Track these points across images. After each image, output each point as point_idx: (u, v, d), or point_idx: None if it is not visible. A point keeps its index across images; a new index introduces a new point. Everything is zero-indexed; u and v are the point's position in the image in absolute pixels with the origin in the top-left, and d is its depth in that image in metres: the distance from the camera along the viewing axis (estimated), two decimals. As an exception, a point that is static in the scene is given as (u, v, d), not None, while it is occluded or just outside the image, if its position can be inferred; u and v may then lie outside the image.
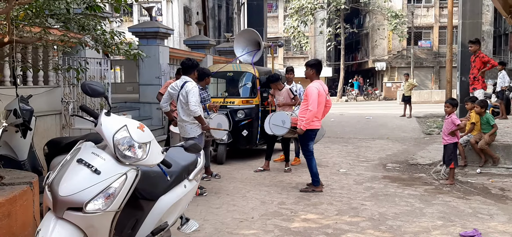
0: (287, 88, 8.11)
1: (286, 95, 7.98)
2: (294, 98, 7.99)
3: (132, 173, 2.78)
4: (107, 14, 7.34)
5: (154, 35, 10.15)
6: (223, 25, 23.98)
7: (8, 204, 3.17)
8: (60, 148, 4.82)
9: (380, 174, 7.56)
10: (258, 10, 17.51)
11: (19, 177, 3.71)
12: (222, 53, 15.32)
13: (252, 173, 7.74)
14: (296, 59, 36.76)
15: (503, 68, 12.59)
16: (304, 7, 32.68)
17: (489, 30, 35.15)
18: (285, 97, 7.96)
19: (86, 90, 2.96)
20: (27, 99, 5.11)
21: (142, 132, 2.88)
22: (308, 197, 6.08)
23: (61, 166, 2.80)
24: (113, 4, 5.34)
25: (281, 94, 8.00)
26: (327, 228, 4.80)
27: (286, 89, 8.06)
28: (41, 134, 6.28)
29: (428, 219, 5.09)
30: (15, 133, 4.81)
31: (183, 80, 6.07)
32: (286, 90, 8.04)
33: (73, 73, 6.75)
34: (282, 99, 7.95)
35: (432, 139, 11.70)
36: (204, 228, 4.79)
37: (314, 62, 6.56)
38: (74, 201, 2.61)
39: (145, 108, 10.19)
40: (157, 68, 10.00)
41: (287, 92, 8.02)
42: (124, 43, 5.94)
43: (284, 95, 7.98)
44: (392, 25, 33.47)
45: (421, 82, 34.31)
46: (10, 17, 3.94)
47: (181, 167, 3.53)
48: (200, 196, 6.07)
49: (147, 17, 14.53)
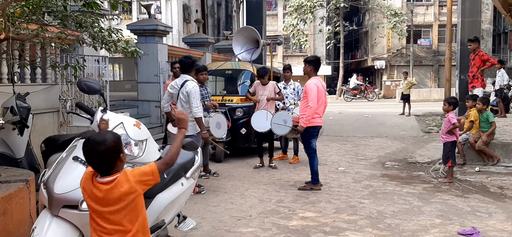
0: (273, 83, 8.08)
1: (272, 90, 7.94)
2: (279, 94, 7.98)
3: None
4: (104, 11, 7.30)
5: (152, 33, 10.12)
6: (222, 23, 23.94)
7: (4, 201, 3.16)
8: (57, 146, 4.78)
9: (378, 173, 7.54)
10: (257, 8, 17.52)
11: (15, 174, 3.70)
12: (221, 51, 15.31)
13: (251, 171, 7.73)
14: (295, 57, 36.71)
15: (502, 66, 12.59)
16: (304, 5, 32.63)
17: (488, 29, 35.13)
18: (270, 91, 7.92)
19: (82, 87, 2.95)
20: (24, 96, 5.09)
21: (139, 129, 2.87)
22: (307, 195, 6.07)
23: (56, 164, 2.79)
24: (111, 1, 5.32)
25: (266, 88, 7.96)
26: (325, 227, 4.79)
27: (272, 84, 8.03)
28: (39, 132, 6.25)
29: (426, 217, 5.08)
30: (12, 131, 4.79)
31: (183, 79, 6.04)
32: (272, 85, 8.00)
33: (71, 71, 6.72)
34: (268, 93, 7.91)
35: (431, 138, 11.70)
36: (202, 226, 4.77)
37: (312, 59, 6.55)
38: (69, 199, 2.60)
39: (144, 106, 10.17)
40: (156, 66, 9.98)
41: (273, 87, 7.98)
42: (122, 40, 5.91)
43: (270, 89, 7.94)
44: (391, 24, 33.43)
45: (420, 80, 34.31)
46: (6, 14, 3.92)
47: (178, 165, 3.51)
48: (198, 194, 6.06)
49: (146, 15, 14.50)
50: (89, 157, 2.28)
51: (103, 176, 2.28)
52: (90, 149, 2.26)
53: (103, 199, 2.26)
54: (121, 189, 2.25)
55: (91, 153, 2.26)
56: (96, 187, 2.27)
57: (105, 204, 2.27)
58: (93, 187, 2.28)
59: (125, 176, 2.28)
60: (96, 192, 2.27)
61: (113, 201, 2.26)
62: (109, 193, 2.25)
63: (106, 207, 2.27)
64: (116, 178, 2.27)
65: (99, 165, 2.27)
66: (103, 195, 2.26)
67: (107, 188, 2.25)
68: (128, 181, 2.27)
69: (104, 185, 2.26)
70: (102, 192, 2.26)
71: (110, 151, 2.26)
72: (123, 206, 2.27)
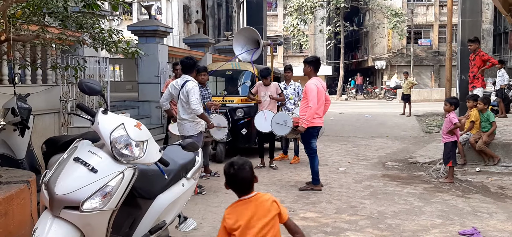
0: (275, 84, 8.09)
1: (274, 91, 7.95)
2: (280, 95, 7.98)
3: (129, 172, 2.77)
4: (105, 12, 7.32)
5: (153, 34, 10.13)
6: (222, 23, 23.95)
7: (5, 202, 3.16)
8: (58, 147, 4.80)
9: (379, 173, 7.54)
10: (258, 8, 17.53)
11: (16, 175, 3.70)
12: (221, 52, 15.31)
13: (251, 171, 7.72)
14: (296, 57, 36.70)
15: (503, 66, 12.57)
16: (304, 5, 32.63)
17: (489, 29, 35.12)
18: (272, 92, 7.93)
19: (83, 88, 2.95)
20: (25, 97, 5.09)
21: (139, 130, 2.87)
22: (307, 196, 6.07)
23: (58, 165, 2.79)
24: (111, 2, 5.33)
25: (268, 89, 7.97)
26: (326, 227, 4.79)
27: (275, 85, 8.04)
28: (39, 133, 6.26)
29: (427, 217, 5.08)
30: (13, 132, 4.79)
31: (183, 79, 6.05)
32: (274, 86, 8.01)
33: (72, 72, 6.73)
34: (270, 93, 7.92)
35: (432, 138, 11.69)
36: (203, 227, 4.78)
37: (312, 59, 6.55)
38: (70, 200, 2.59)
39: (144, 107, 10.18)
40: (156, 67, 9.99)
41: (275, 88, 7.99)
42: (123, 41, 5.92)
43: (272, 90, 7.95)
44: (392, 24, 33.41)
45: (421, 80, 34.30)
46: (7, 15, 3.93)
47: (179, 165, 3.52)
48: (199, 194, 6.06)
49: (146, 15, 14.51)
50: (235, 177, 2.59)
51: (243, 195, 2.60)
52: (237, 171, 2.57)
53: (252, 217, 2.51)
54: (265, 197, 2.58)
55: (239, 172, 2.57)
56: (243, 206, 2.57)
57: (255, 221, 2.50)
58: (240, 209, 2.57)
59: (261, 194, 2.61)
60: (245, 212, 2.53)
61: (262, 213, 2.52)
62: (259, 207, 2.54)
63: (256, 226, 2.49)
64: (256, 193, 2.59)
65: (243, 185, 2.59)
66: (252, 212, 2.52)
67: (255, 203, 2.55)
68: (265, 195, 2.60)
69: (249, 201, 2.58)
70: (250, 209, 2.54)
71: (251, 171, 2.61)
72: (271, 218, 2.53)
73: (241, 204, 2.58)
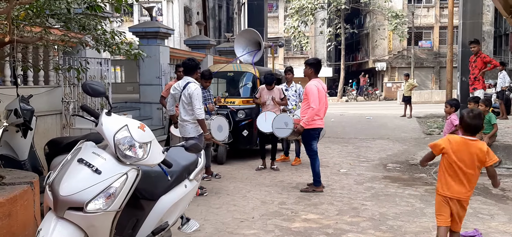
0: (278, 88, 8.11)
1: (277, 94, 7.98)
2: (283, 99, 8.01)
3: (133, 173, 2.78)
4: (107, 14, 7.34)
5: (154, 35, 10.15)
6: (223, 25, 23.99)
7: (9, 204, 3.17)
8: (60, 148, 4.82)
9: (380, 174, 7.55)
10: (259, 10, 17.52)
11: (19, 177, 3.71)
12: (222, 53, 15.32)
13: (253, 173, 7.74)
14: (297, 59, 36.74)
15: (504, 68, 12.59)
16: (305, 7, 32.66)
17: (489, 30, 35.13)
18: (276, 95, 7.95)
19: (87, 90, 2.96)
20: (28, 99, 5.12)
21: (143, 132, 2.88)
22: (309, 197, 6.08)
23: (61, 166, 2.80)
24: (114, 4, 5.34)
25: (271, 93, 7.99)
26: (328, 228, 4.80)
27: (278, 89, 8.06)
28: (42, 134, 6.28)
29: (428, 219, 5.08)
30: (15, 133, 4.81)
31: (185, 81, 6.07)
32: (277, 90, 8.03)
33: (74, 73, 6.75)
34: (273, 97, 7.93)
35: (433, 140, 11.60)
36: (205, 228, 4.79)
37: (313, 61, 6.57)
38: (74, 201, 2.60)
39: (146, 108, 10.20)
40: (158, 68, 10.00)
41: (278, 92, 8.01)
42: (125, 43, 5.94)
43: (275, 93, 7.97)
44: (392, 25, 33.43)
45: (421, 82, 34.29)
46: (10, 17, 3.95)
47: (182, 167, 3.53)
48: (201, 196, 6.07)
49: (148, 17, 14.54)
50: (474, 122, 3.65)
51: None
52: (477, 117, 3.66)
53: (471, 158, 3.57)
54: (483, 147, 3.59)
55: (477, 119, 3.65)
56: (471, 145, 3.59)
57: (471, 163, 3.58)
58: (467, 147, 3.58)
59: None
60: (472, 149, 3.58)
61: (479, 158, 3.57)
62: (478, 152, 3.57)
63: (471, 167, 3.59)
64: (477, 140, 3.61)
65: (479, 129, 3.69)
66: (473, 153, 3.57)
67: (479, 146, 3.58)
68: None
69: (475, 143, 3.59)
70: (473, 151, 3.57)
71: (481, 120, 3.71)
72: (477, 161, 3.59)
73: (465, 141, 3.63)
